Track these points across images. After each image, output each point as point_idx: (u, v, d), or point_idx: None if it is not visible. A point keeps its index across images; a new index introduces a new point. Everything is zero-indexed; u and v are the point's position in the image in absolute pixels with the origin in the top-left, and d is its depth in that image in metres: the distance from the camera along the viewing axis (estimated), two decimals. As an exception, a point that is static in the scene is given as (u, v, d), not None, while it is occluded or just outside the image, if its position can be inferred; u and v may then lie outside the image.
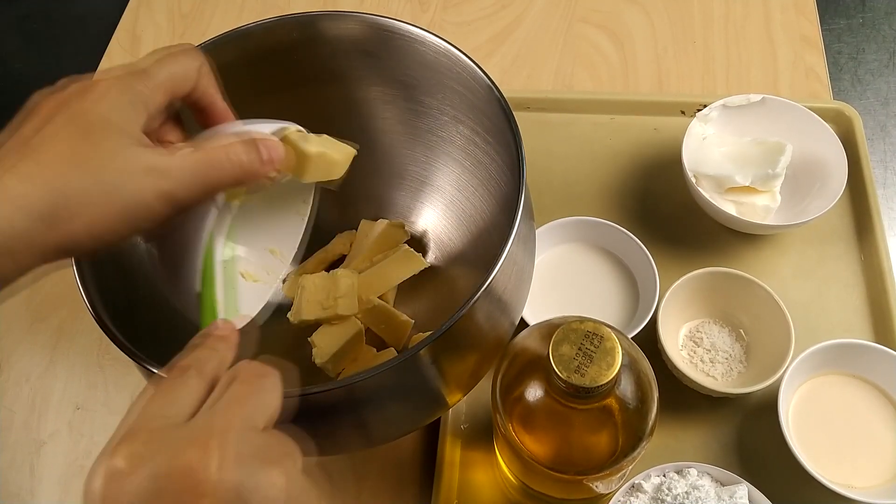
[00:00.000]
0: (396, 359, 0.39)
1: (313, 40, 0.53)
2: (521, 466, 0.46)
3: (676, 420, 0.57)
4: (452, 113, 0.55)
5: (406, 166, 0.61)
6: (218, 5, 0.87)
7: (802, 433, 0.54)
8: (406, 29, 0.51)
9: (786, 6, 0.82)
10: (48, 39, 0.90)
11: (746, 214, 0.63)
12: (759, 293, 0.58)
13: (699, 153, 0.65)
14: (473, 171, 0.57)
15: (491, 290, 0.41)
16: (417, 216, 0.63)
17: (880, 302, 0.61)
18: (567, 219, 0.63)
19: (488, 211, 0.57)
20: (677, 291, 0.58)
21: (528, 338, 0.45)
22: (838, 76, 0.79)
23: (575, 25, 0.82)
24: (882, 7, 0.84)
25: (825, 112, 0.67)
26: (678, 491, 0.50)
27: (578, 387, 0.39)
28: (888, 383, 0.55)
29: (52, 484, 0.58)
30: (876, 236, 0.64)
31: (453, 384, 0.45)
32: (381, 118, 0.59)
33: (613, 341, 0.39)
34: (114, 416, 0.61)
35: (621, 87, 0.77)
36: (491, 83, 0.48)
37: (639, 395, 0.43)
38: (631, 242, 0.62)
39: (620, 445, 0.43)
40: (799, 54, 0.78)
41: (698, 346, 0.59)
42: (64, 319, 0.66)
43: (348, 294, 0.56)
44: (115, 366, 0.63)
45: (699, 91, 0.76)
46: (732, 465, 0.55)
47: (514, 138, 0.45)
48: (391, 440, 0.49)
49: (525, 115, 0.73)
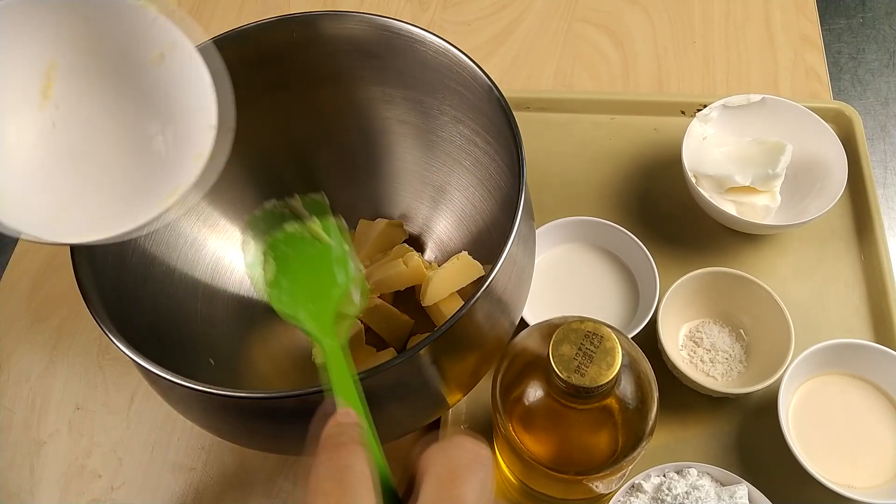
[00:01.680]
0: (396, 359, 0.39)
1: (313, 40, 0.53)
2: (521, 466, 0.46)
3: (676, 420, 0.57)
4: (452, 113, 0.55)
5: (405, 166, 0.61)
6: (218, 5, 0.87)
7: (802, 433, 0.54)
8: (406, 29, 0.51)
9: (786, 6, 0.82)
10: (48, 39, 0.90)
11: (746, 214, 0.63)
12: (759, 293, 0.58)
13: (699, 153, 0.65)
14: (473, 171, 0.57)
15: (491, 290, 0.41)
16: (417, 216, 0.63)
17: (880, 302, 0.61)
18: (567, 219, 0.63)
19: (488, 211, 0.57)
20: (677, 291, 0.58)
21: (528, 338, 0.45)
22: (838, 76, 0.79)
23: (575, 25, 0.82)
24: (882, 7, 0.84)
25: (825, 112, 0.67)
26: (678, 491, 0.50)
27: (578, 387, 0.39)
28: (888, 383, 0.55)
29: (51, 484, 0.58)
30: (876, 236, 0.64)
31: (453, 384, 0.45)
32: (380, 118, 0.59)
33: (613, 341, 0.39)
34: (113, 415, 0.61)
35: (621, 87, 0.77)
36: (491, 83, 0.48)
37: (639, 395, 0.43)
38: (631, 242, 0.62)
39: (620, 445, 0.43)
40: (799, 54, 0.78)
41: (698, 346, 0.59)
42: (64, 319, 0.66)
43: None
44: (115, 366, 0.63)
45: (699, 91, 0.76)
46: (732, 465, 0.55)
47: (514, 138, 0.45)
48: (391, 440, 0.49)
49: (525, 115, 0.73)
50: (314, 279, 0.46)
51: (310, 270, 0.47)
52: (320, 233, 0.48)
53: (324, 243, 0.47)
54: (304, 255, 0.47)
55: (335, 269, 0.46)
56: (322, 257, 0.47)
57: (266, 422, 0.42)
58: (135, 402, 0.62)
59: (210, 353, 0.54)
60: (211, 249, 0.58)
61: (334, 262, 0.47)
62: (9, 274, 0.69)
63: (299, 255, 0.47)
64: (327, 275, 0.46)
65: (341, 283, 0.45)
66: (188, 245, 0.56)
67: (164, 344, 0.50)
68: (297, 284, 0.46)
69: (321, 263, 0.47)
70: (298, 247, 0.48)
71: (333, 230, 0.48)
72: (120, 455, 0.60)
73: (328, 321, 0.43)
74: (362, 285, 0.46)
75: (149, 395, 0.61)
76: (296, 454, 0.57)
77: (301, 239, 0.48)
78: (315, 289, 0.45)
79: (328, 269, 0.46)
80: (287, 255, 0.47)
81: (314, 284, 0.46)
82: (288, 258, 0.47)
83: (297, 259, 0.47)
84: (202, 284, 0.57)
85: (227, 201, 0.59)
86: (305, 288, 0.45)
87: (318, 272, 0.47)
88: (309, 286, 0.46)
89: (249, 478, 0.58)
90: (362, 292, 0.46)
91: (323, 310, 0.43)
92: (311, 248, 0.47)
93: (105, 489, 0.58)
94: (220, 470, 0.58)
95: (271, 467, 0.58)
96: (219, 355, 0.55)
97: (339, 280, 0.46)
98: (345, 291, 0.45)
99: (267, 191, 0.61)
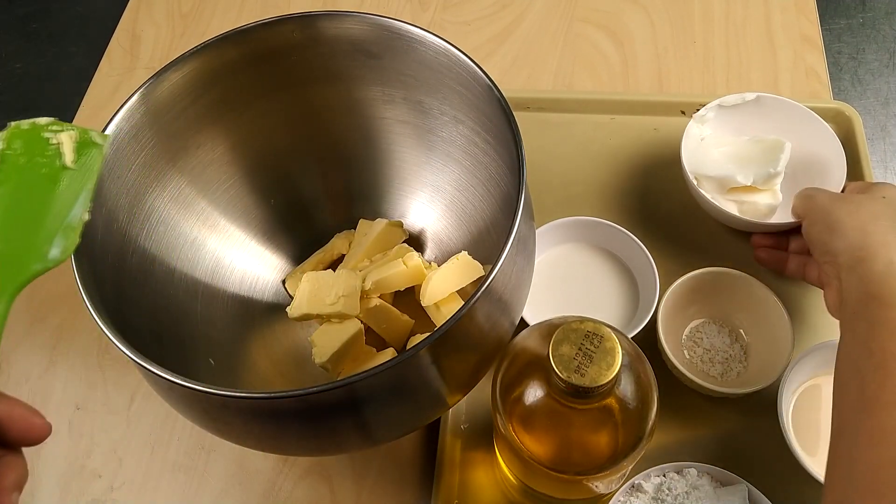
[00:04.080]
0: (396, 359, 0.39)
1: (313, 40, 0.53)
2: (521, 466, 0.46)
3: (676, 420, 0.57)
4: (452, 113, 0.55)
5: (406, 166, 0.61)
6: (218, 5, 0.87)
7: (802, 433, 0.54)
8: (406, 29, 0.51)
9: (786, 6, 0.82)
10: (48, 39, 0.90)
11: (749, 213, 0.62)
12: (759, 293, 0.58)
13: (698, 154, 0.65)
14: (473, 171, 0.57)
15: (491, 290, 0.41)
16: (417, 216, 0.63)
17: (880, 302, 0.61)
18: (567, 219, 0.63)
19: (488, 211, 0.57)
20: (677, 291, 0.58)
21: (528, 338, 0.45)
22: (838, 76, 0.79)
23: (575, 25, 0.82)
24: (882, 7, 0.84)
25: (825, 112, 0.67)
26: (678, 491, 0.50)
27: (578, 387, 0.39)
28: (888, 383, 0.55)
29: (51, 484, 0.58)
30: (876, 236, 0.64)
31: (453, 384, 0.45)
32: (380, 118, 0.59)
33: (613, 341, 0.39)
34: (113, 415, 0.61)
35: (621, 87, 0.77)
36: (491, 83, 0.48)
37: (639, 395, 0.43)
38: (631, 242, 0.62)
39: (620, 445, 0.43)
40: (799, 54, 0.78)
41: (698, 347, 0.59)
42: (64, 319, 0.66)
43: (352, 294, 0.56)
44: (115, 366, 0.63)
45: (699, 91, 0.76)
46: (732, 465, 0.55)
47: (514, 138, 0.45)
48: (391, 440, 0.49)
49: (525, 115, 0.73)
50: (28, 206, 0.37)
51: (29, 194, 0.37)
52: (66, 148, 0.38)
53: (61, 166, 0.38)
54: (33, 171, 0.37)
55: (57, 204, 0.37)
56: (51, 181, 0.37)
57: (266, 422, 0.42)
58: (135, 402, 0.62)
59: (210, 353, 0.54)
60: (211, 249, 0.58)
61: (63, 194, 0.37)
62: (9, 274, 0.69)
63: (29, 167, 0.37)
64: (45, 208, 0.37)
65: (53, 227, 0.36)
66: (188, 245, 0.56)
67: (164, 344, 0.50)
68: (5, 202, 0.36)
69: (46, 190, 0.37)
70: (34, 155, 0.37)
71: (89, 157, 0.38)
72: (120, 455, 0.60)
73: (12, 267, 0.36)
74: (71, 236, 0.37)
75: (149, 395, 0.61)
76: (296, 454, 0.57)
77: (40, 145, 0.38)
78: (22, 218, 0.36)
79: (49, 201, 0.37)
80: (15, 161, 0.37)
81: (25, 213, 0.37)
82: (15, 165, 0.37)
83: (24, 171, 0.37)
84: (202, 284, 0.57)
85: (226, 201, 0.59)
86: (12, 212, 0.36)
87: (37, 200, 0.37)
88: (17, 212, 0.37)
89: (249, 478, 0.58)
90: (69, 243, 0.37)
91: (15, 250, 0.36)
92: (46, 166, 0.37)
93: (105, 489, 0.58)
94: (220, 470, 0.59)
95: (271, 467, 0.58)
96: (219, 355, 0.55)
97: (52, 221, 0.36)
98: (51, 239, 0.36)
99: (267, 190, 0.61)
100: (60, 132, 0.38)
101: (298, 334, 0.61)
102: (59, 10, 0.92)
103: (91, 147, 0.39)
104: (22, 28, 0.91)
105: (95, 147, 0.39)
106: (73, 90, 0.81)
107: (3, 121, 0.36)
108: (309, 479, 0.58)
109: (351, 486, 0.57)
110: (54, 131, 0.38)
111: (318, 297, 0.56)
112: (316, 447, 0.48)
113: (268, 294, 0.62)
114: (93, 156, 0.39)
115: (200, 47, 0.50)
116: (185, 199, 0.55)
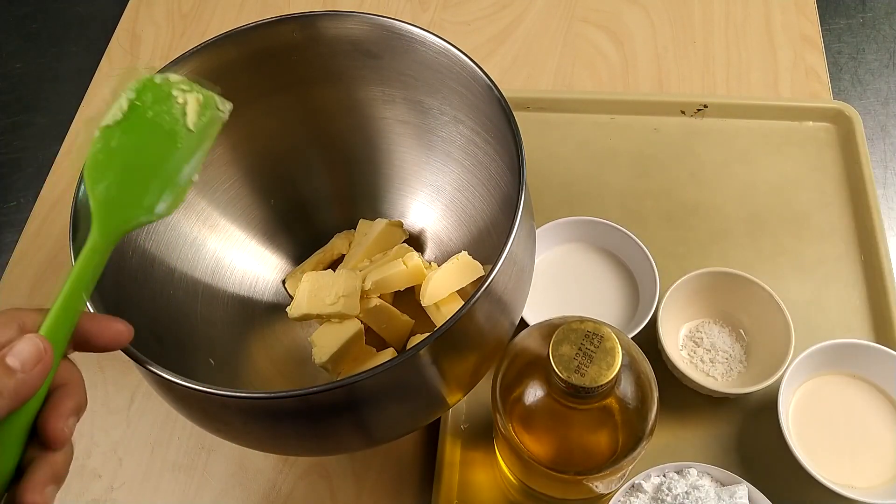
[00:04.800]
0: (396, 359, 0.39)
1: (313, 40, 0.53)
2: (521, 466, 0.46)
3: (676, 420, 0.57)
4: (452, 113, 0.55)
5: (405, 166, 0.61)
6: (218, 5, 0.87)
7: (802, 433, 0.54)
8: (406, 29, 0.51)
9: (786, 6, 0.82)
10: (48, 39, 0.90)
11: None
12: (759, 293, 0.58)
13: None
14: (473, 171, 0.57)
15: (491, 290, 0.41)
16: (417, 216, 0.63)
17: (880, 302, 0.61)
18: (567, 219, 0.63)
19: (488, 211, 0.57)
20: (677, 291, 0.58)
21: (528, 338, 0.45)
22: (838, 76, 0.79)
23: (575, 25, 0.82)
24: (882, 7, 0.84)
25: (825, 112, 0.67)
26: (678, 491, 0.50)
27: (578, 387, 0.39)
28: (888, 383, 0.55)
29: (51, 484, 0.58)
30: (876, 236, 0.64)
31: (453, 384, 0.45)
32: (380, 118, 0.59)
33: (613, 341, 0.39)
34: (113, 415, 0.61)
35: (621, 87, 0.77)
36: (491, 83, 0.48)
37: (639, 395, 0.43)
38: (631, 242, 0.62)
39: (620, 445, 0.43)
40: (799, 54, 0.78)
41: (698, 346, 0.59)
42: (64, 319, 0.66)
43: (352, 294, 0.56)
44: (114, 366, 0.63)
45: (699, 91, 0.76)
46: (732, 465, 0.55)
47: (514, 138, 0.45)
48: (391, 440, 0.49)
49: (525, 115, 0.73)
50: (146, 158, 0.38)
51: (149, 146, 0.38)
52: (191, 108, 0.39)
53: (184, 127, 0.38)
54: (157, 126, 0.38)
55: (172, 162, 0.38)
56: (171, 139, 0.38)
57: (266, 422, 0.42)
58: (135, 402, 0.62)
59: (210, 353, 0.54)
60: (211, 249, 0.58)
61: (179, 153, 0.38)
62: (9, 274, 0.69)
63: (153, 121, 0.38)
64: (160, 163, 0.38)
65: (167, 182, 0.37)
66: (188, 245, 0.56)
67: (164, 344, 0.50)
68: (125, 150, 0.37)
69: (165, 146, 0.38)
70: (160, 111, 0.38)
71: (209, 121, 0.39)
72: (120, 455, 0.60)
73: (120, 212, 0.36)
74: (179, 195, 0.38)
75: (149, 395, 0.61)
76: (296, 454, 0.57)
77: (168, 102, 0.39)
78: (138, 169, 0.37)
79: (166, 157, 0.38)
80: (142, 113, 0.38)
81: (141, 164, 0.38)
82: (141, 117, 0.38)
83: (149, 125, 0.38)
84: (202, 284, 0.57)
85: (226, 201, 0.59)
86: (131, 160, 0.37)
87: (155, 154, 0.38)
88: (135, 162, 0.37)
89: (249, 478, 0.58)
90: (175, 200, 0.38)
91: (126, 197, 0.37)
92: (169, 123, 0.38)
93: (105, 489, 0.58)
94: (220, 470, 0.59)
95: (271, 467, 0.58)
96: (219, 355, 0.55)
97: (166, 177, 0.37)
98: (165, 191, 0.37)
99: (267, 190, 0.61)
100: (188, 92, 0.39)
101: (298, 334, 0.61)
102: (59, 10, 0.92)
103: (213, 111, 0.40)
104: (22, 28, 0.91)
105: (218, 112, 0.40)
106: (73, 90, 0.80)
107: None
108: (309, 479, 0.58)
109: (351, 486, 0.57)
110: (182, 90, 0.39)
111: (318, 297, 0.56)
112: (316, 447, 0.48)
113: (268, 294, 0.62)
114: (213, 121, 0.40)
115: (200, 47, 0.50)
116: (185, 200, 0.55)
